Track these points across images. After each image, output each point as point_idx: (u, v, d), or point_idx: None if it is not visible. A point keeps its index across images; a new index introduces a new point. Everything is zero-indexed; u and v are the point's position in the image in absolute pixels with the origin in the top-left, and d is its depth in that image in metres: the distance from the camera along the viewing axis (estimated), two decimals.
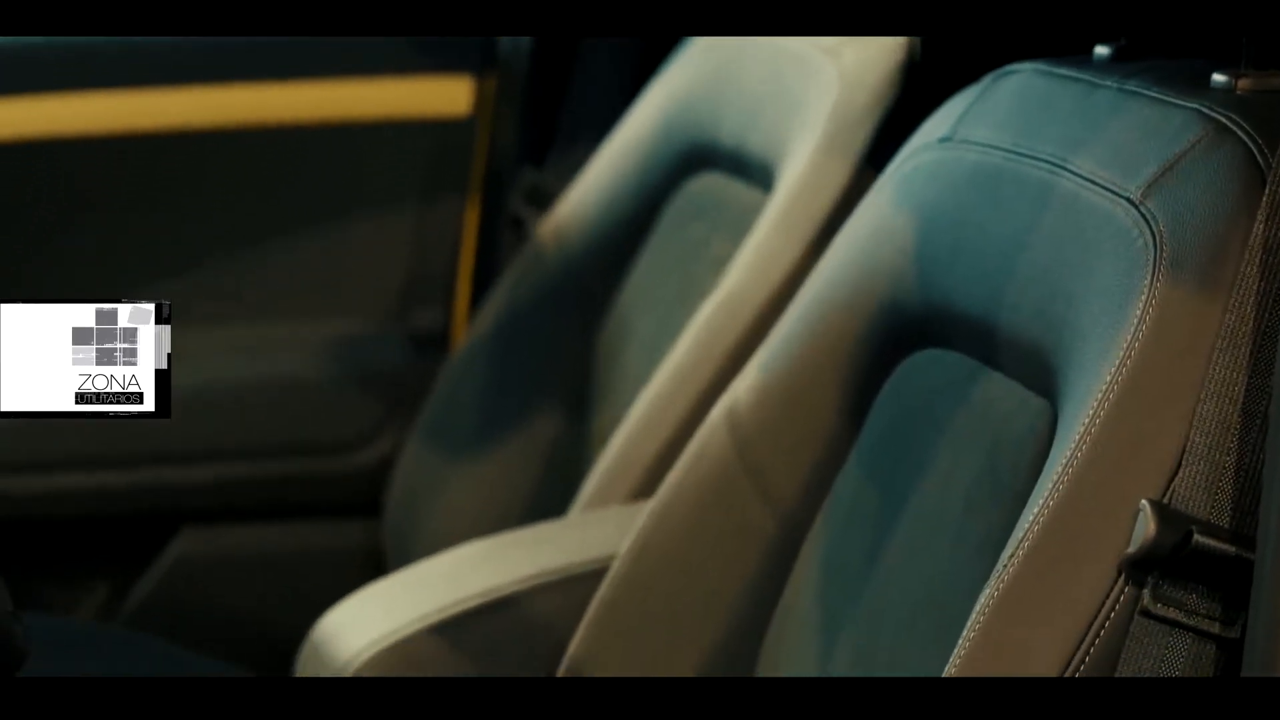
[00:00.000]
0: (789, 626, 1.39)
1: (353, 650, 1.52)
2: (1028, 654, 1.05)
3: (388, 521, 2.13)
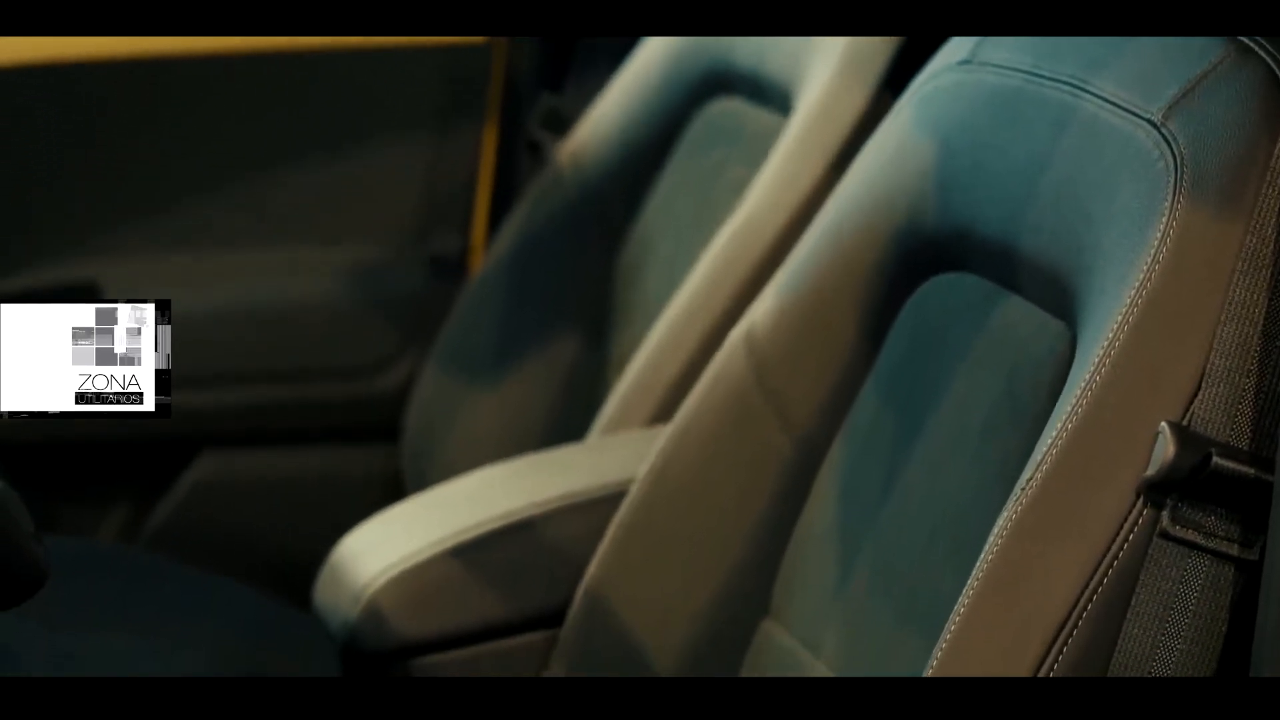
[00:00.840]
0: (807, 549, 1.39)
1: (371, 573, 1.52)
2: (1046, 575, 1.05)
3: (406, 445, 2.13)
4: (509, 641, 1.53)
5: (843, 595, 1.33)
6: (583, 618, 1.47)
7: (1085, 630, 1.04)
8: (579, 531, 1.53)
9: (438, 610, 1.51)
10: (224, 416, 2.13)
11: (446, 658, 1.51)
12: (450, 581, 1.52)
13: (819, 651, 1.33)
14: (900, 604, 1.27)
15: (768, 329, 1.42)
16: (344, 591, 1.54)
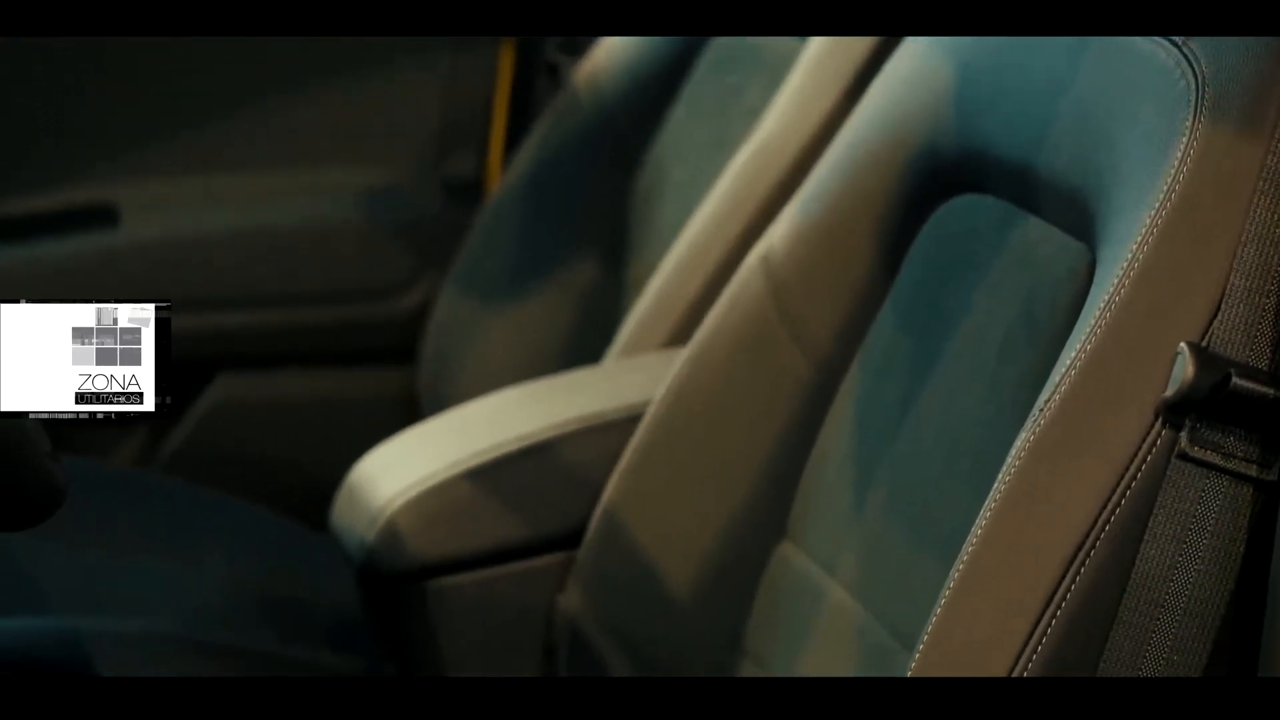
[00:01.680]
0: (824, 472, 1.39)
1: (388, 495, 1.52)
2: (1064, 497, 1.05)
3: (423, 368, 2.13)
4: (525, 563, 1.53)
5: (859, 518, 1.33)
6: (599, 540, 1.47)
7: (1103, 551, 1.04)
8: (596, 454, 1.53)
9: (454, 532, 1.51)
10: (240, 339, 2.14)
11: (463, 579, 1.52)
12: (467, 503, 1.52)
13: (835, 573, 1.33)
14: (917, 526, 1.27)
15: (785, 252, 1.42)
16: (361, 513, 1.54)
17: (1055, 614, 1.03)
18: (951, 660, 1.05)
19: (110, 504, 1.90)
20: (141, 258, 2.12)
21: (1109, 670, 1.02)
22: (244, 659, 1.66)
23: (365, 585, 1.58)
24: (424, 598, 1.52)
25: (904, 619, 1.24)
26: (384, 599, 1.56)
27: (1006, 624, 1.04)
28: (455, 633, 1.53)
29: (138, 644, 1.64)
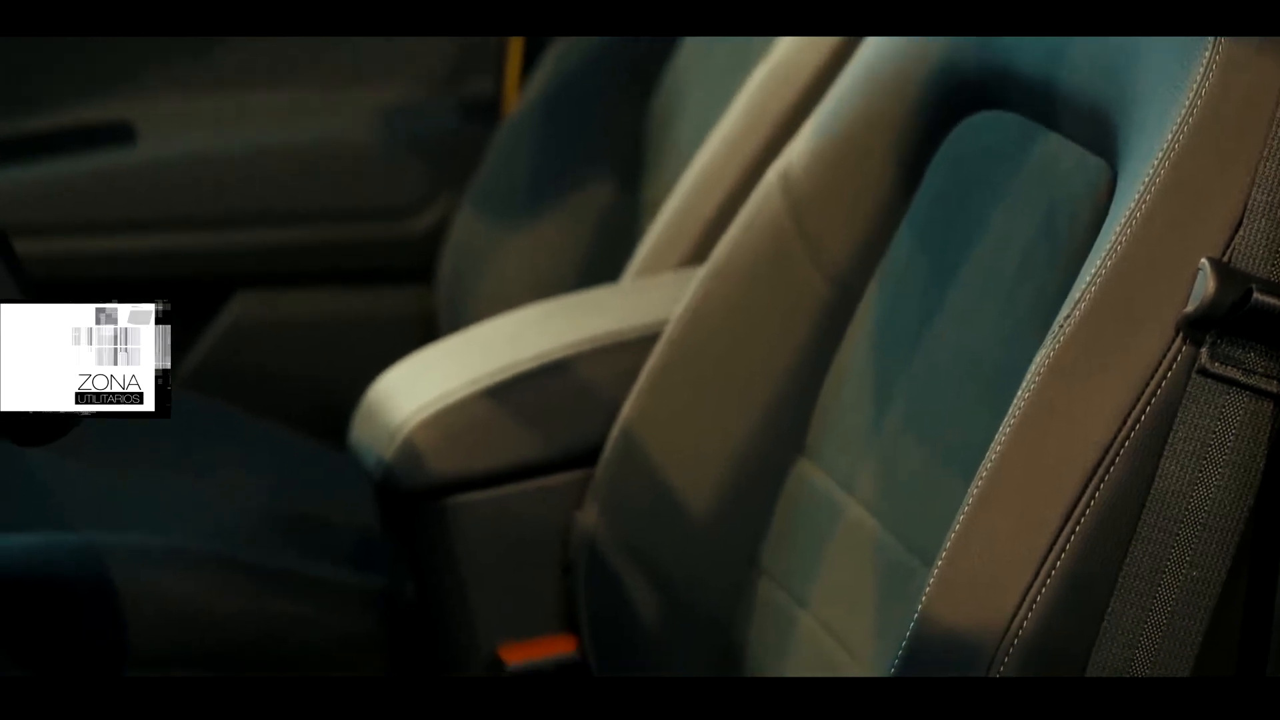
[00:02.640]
0: (842, 389, 1.39)
1: (406, 412, 1.52)
2: (1083, 413, 1.05)
3: (440, 287, 2.13)
4: (543, 481, 1.53)
5: (877, 435, 1.33)
6: (617, 457, 1.47)
7: (1122, 467, 1.03)
8: (613, 372, 1.53)
9: (472, 449, 1.52)
10: (258, 257, 2.14)
11: (480, 496, 1.52)
12: (484, 421, 1.52)
13: (853, 490, 1.34)
14: (934, 444, 1.27)
15: (803, 170, 1.41)
16: (379, 430, 1.54)
17: (1074, 530, 1.03)
18: (970, 576, 1.05)
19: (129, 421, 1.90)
20: (158, 176, 2.12)
21: (1127, 585, 1.02)
22: (263, 576, 1.67)
23: (383, 502, 1.58)
24: (442, 515, 1.52)
25: (922, 535, 1.24)
26: (402, 516, 1.56)
27: (1025, 540, 1.04)
28: (473, 550, 1.53)
29: (158, 560, 1.65)
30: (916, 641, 1.07)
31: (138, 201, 2.10)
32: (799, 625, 1.35)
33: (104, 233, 2.09)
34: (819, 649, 1.32)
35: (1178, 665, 1.01)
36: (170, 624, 1.62)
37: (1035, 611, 1.03)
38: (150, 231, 2.10)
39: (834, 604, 1.32)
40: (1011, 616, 1.03)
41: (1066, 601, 1.03)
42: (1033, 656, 1.02)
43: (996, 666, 1.03)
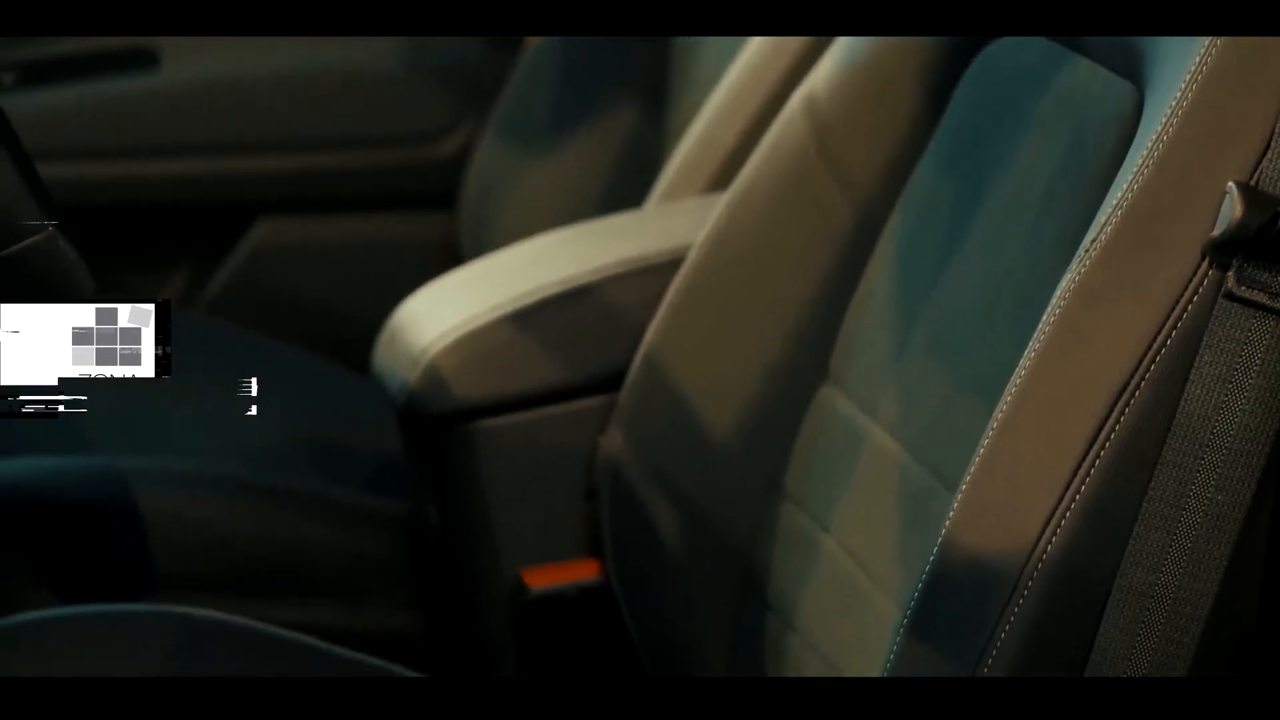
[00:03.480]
0: (866, 315, 1.38)
1: (430, 337, 1.52)
2: (1109, 338, 1.04)
3: (464, 213, 2.13)
4: (567, 406, 1.53)
5: (901, 361, 1.33)
6: (641, 382, 1.47)
7: (1147, 392, 1.03)
8: (637, 297, 1.53)
9: (496, 374, 1.52)
10: (282, 182, 2.14)
11: (504, 421, 1.52)
12: (508, 345, 1.52)
13: (877, 416, 1.33)
14: (959, 369, 1.27)
15: (828, 94, 1.41)
16: (403, 356, 1.55)
17: (1099, 455, 1.03)
18: (994, 501, 1.05)
19: None
20: (182, 101, 2.11)
21: (1152, 509, 1.02)
22: (286, 500, 1.68)
23: (407, 427, 1.58)
24: (465, 440, 1.53)
25: (946, 461, 1.24)
26: (425, 441, 1.57)
27: (1049, 464, 1.04)
28: (496, 474, 1.53)
29: (181, 483, 1.66)
30: (940, 566, 1.07)
31: (161, 127, 2.09)
32: (821, 550, 1.35)
33: (127, 158, 2.09)
34: (841, 573, 1.32)
35: (1201, 589, 1.01)
36: (193, 548, 1.63)
37: (1059, 536, 1.03)
38: (174, 157, 2.10)
39: (857, 529, 1.32)
40: (1035, 541, 1.03)
41: (1090, 526, 1.03)
42: (1057, 581, 1.02)
43: (1020, 591, 1.03)
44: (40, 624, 1.38)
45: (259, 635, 1.41)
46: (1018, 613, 1.03)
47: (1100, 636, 1.02)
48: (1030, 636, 1.03)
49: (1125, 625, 1.02)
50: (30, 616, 1.39)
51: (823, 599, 1.34)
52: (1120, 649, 1.01)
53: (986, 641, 1.04)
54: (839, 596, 1.32)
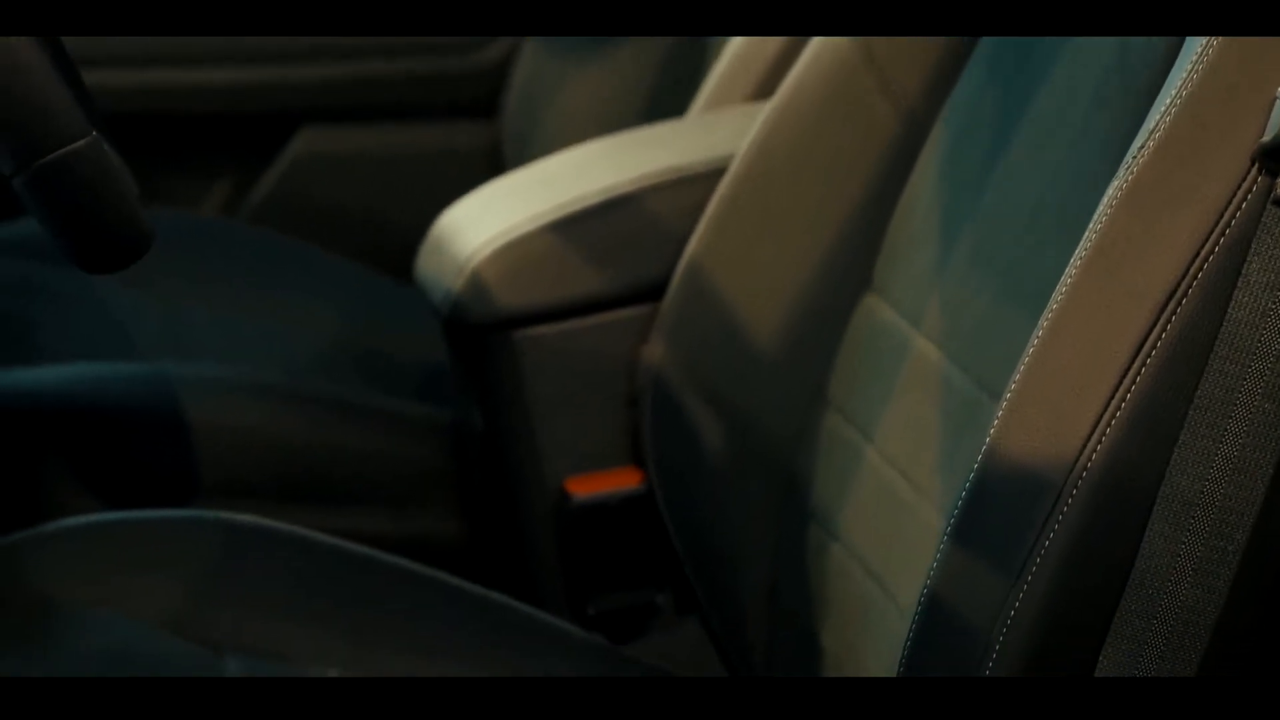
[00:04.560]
0: (910, 224, 1.38)
1: (474, 246, 1.52)
2: (1156, 245, 1.04)
3: (506, 121, 2.12)
4: (609, 315, 1.53)
5: (945, 270, 1.33)
6: (683, 292, 1.47)
7: (1194, 300, 1.03)
8: (681, 206, 1.52)
9: (539, 282, 1.52)
10: (324, 91, 2.13)
11: (547, 330, 1.53)
12: (552, 254, 1.52)
13: (920, 325, 1.33)
14: (1004, 277, 1.27)
15: None
16: (446, 264, 1.55)
17: (1145, 362, 1.03)
18: (1039, 409, 1.05)
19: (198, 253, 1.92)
20: None
21: (1198, 417, 1.02)
22: (330, 407, 1.68)
23: (450, 336, 1.59)
24: (509, 348, 1.53)
25: (990, 370, 1.24)
26: (469, 349, 1.57)
27: (1095, 372, 1.04)
28: (539, 383, 1.54)
29: (226, 390, 1.66)
30: (983, 475, 1.07)
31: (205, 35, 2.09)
32: (864, 459, 1.35)
33: (171, 66, 2.09)
34: (884, 483, 1.32)
35: (1247, 497, 1.01)
36: (238, 455, 1.63)
37: (1104, 443, 1.02)
38: (216, 65, 2.10)
39: (900, 438, 1.32)
40: (1080, 448, 1.03)
41: (1136, 433, 1.02)
42: (1101, 488, 1.02)
43: (1065, 498, 1.03)
44: (86, 529, 1.39)
45: (305, 541, 1.42)
46: (1062, 520, 1.03)
47: (1144, 544, 1.02)
48: (1074, 544, 1.03)
49: (1169, 532, 1.01)
50: (76, 521, 1.40)
51: (865, 508, 1.34)
52: (1164, 556, 1.01)
53: (1030, 550, 1.04)
54: (882, 505, 1.32)
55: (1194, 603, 1.01)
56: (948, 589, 1.08)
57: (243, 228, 2.07)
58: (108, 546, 1.38)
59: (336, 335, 1.82)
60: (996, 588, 1.05)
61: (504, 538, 1.63)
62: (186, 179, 2.12)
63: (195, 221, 2.04)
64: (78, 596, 1.34)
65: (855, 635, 1.32)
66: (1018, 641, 1.04)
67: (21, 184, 0.99)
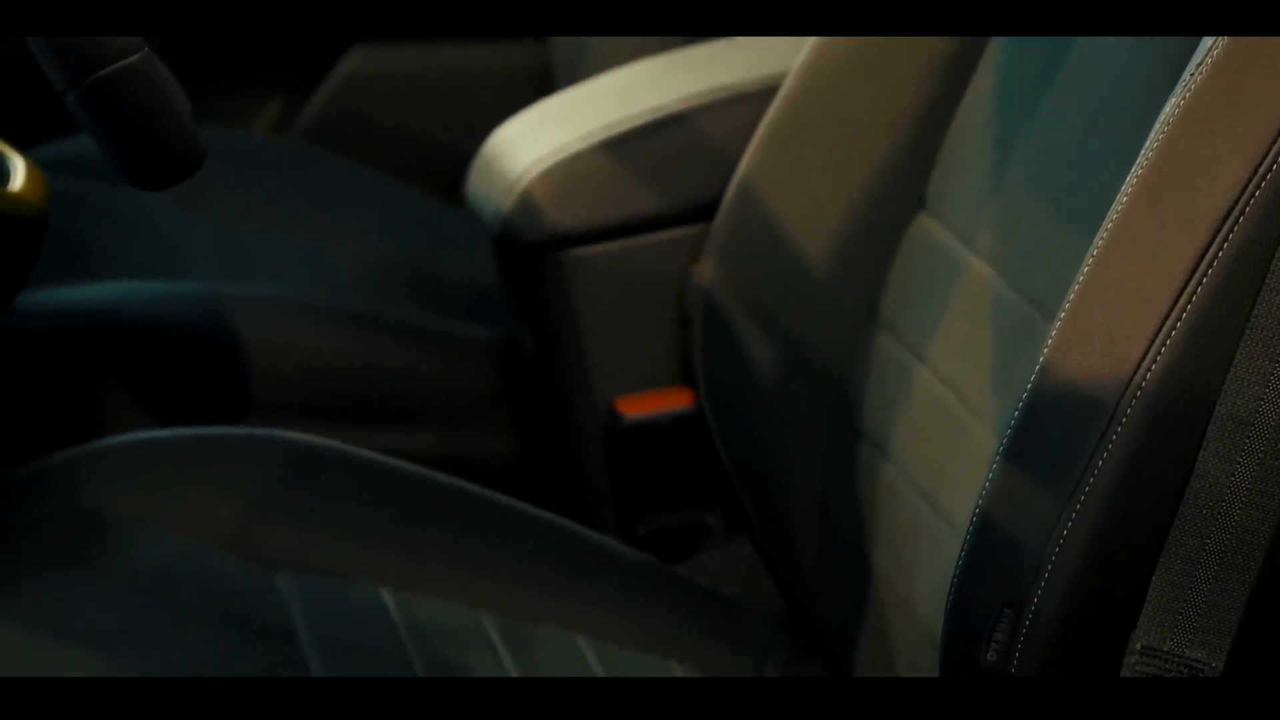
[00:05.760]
0: (964, 143, 1.37)
1: (524, 165, 1.52)
2: (1213, 162, 1.03)
3: (557, 41, 2.12)
4: (660, 234, 1.53)
5: (1000, 190, 1.32)
6: (735, 211, 1.47)
7: (1252, 216, 1.02)
8: (730, 126, 1.52)
9: (590, 202, 1.52)
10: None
11: (598, 249, 1.52)
12: (602, 173, 1.52)
13: (973, 245, 1.32)
14: (1057, 197, 1.26)
15: None
16: (497, 183, 1.54)
17: (1201, 281, 1.02)
18: (1094, 327, 1.04)
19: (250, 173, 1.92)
20: None
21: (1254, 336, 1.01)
22: (380, 327, 1.69)
23: (502, 255, 1.59)
24: (559, 268, 1.53)
25: (1044, 289, 1.23)
26: (520, 269, 1.57)
27: (1151, 291, 1.03)
28: (590, 303, 1.54)
29: (277, 310, 1.67)
30: (1037, 394, 1.07)
31: None
32: (916, 378, 1.35)
33: None
34: (937, 402, 1.32)
35: None
36: (290, 374, 1.64)
37: (1159, 363, 1.02)
38: None
39: (953, 358, 1.32)
40: (1135, 367, 1.02)
41: (1191, 352, 1.02)
42: (1156, 408, 1.02)
43: (1119, 418, 1.02)
44: (139, 445, 1.40)
45: (357, 459, 1.42)
46: (1116, 440, 1.02)
47: (1199, 464, 1.02)
48: (1127, 465, 1.03)
49: (1224, 453, 1.01)
50: (129, 438, 1.41)
51: (918, 428, 1.34)
52: (1219, 476, 1.01)
53: (1083, 469, 1.03)
54: (934, 425, 1.32)
55: (1248, 522, 1.00)
56: (1000, 508, 1.08)
57: (293, 148, 2.07)
58: (161, 463, 1.39)
59: (387, 255, 1.82)
60: (1049, 507, 1.04)
61: (554, 458, 1.64)
62: (236, 99, 2.12)
63: (246, 141, 2.04)
64: (130, 512, 1.35)
65: (906, 554, 1.32)
66: (1070, 561, 1.04)
67: (75, 99, 1.00)
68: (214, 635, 1.26)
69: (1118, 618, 1.04)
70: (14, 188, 1.16)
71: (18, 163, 1.19)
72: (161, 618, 1.26)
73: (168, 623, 1.26)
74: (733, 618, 1.48)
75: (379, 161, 2.02)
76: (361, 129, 2.11)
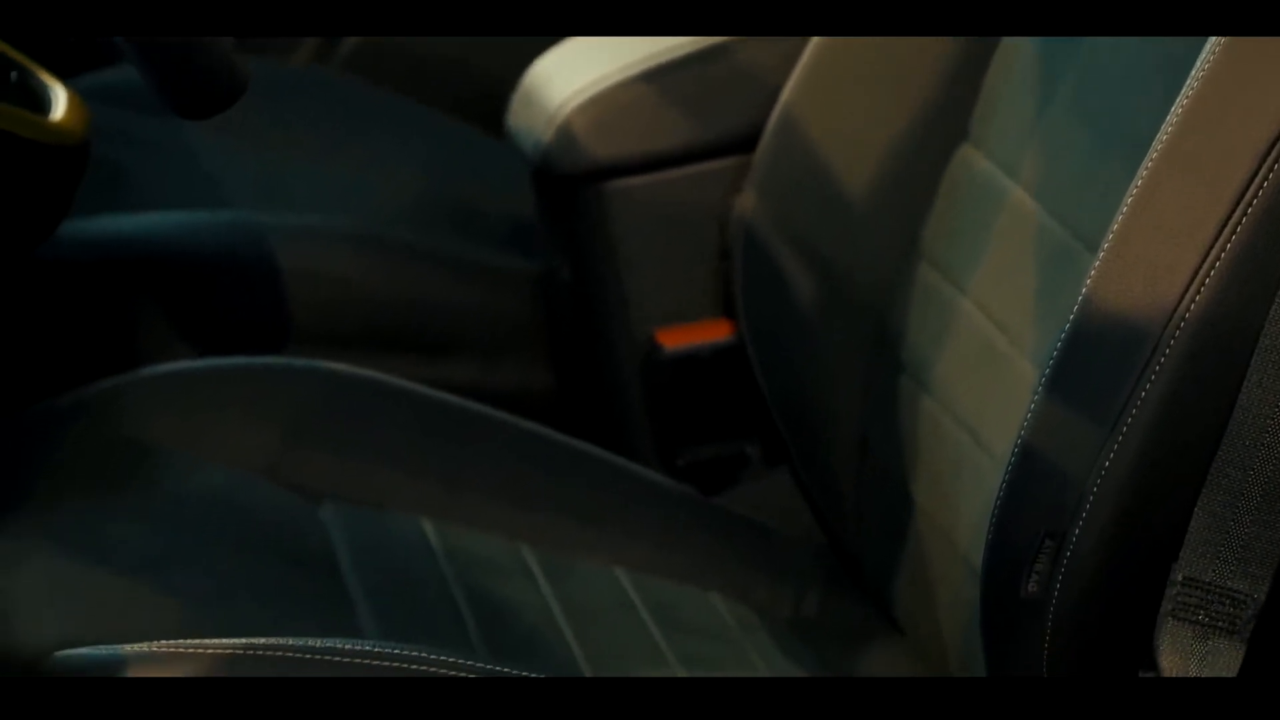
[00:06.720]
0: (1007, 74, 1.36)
1: (564, 96, 1.52)
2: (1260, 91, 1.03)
3: None
4: (701, 166, 1.53)
5: (1042, 120, 1.31)
6: (776, 142, 1.46)
7: None
8: (771, 57, 1.51)
9: (630, 133, 1.51)
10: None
11: (638, 181, 1.52)
12: (642, 105, 1.51)
13: (1017, 176, 1.32)
14: (1101, 128, 1.25)
15: None
16: (537, 114, 1.54)
17: (1246, 213, 1.02)
18: (1137, 258, 1.04)
19: (289, 103, 1.92)
20: None
21: None
22: (423, 257, 1.69)
23: (541, 187, 1.59)
24: (599, 199, 1.53)
25: (1087, 220, 1.22)
26: (560, 201, 1.57)
27: (1194, 222, 1.03)
28: (630, 234, 1.54)
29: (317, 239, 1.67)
30: (1080, 325, 1.06)
31: None
32: (959, 310, 1.34)
33: None
34: (978, 333, 1.32)
35: None
36: (329, 304, 1.64)
37: (1203, 294, 1.02)
38: None
39: (995, 289, 1.31)
40: (1179, 298, 1.02)
41: (1235, 283, 1.01)
42: (1199, 338, 1.01)
43: (1162, 349, 1.02)
44: (181, 374, 1.41)
45: (398, 389, 1.43)
46: (1159, 371, 1.02)
47: (1242, 395, 1.01)
48: (1170, 395, 1.02)
49: (1267, 384, 1.01)
50: (171, 367, 1.41)
51: (959, 360, 1.33)
52: (1261, 408, 1.01)
53: (1126, 401, 1.03)
54: (976, 357, 1.31)
55: None
56: (1042, 440, 1.07)
57: (333, 78, 2.07)
58: (203, 392, 1.39)
59: (426, 186, 1.82)
60: (1091, 438, 1.04)
61: (593, 390, 1.64)
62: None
63: (286, 71, 2.03)
64: (172, 441, 1.35)
65: (947, 487, 1.32)
66: (1112, 492, 1.04)
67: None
68: (257, 560, 1.26)
69: (1159, 549, 1.04)
70: (55, 117, 1.16)
71: (59, 92, 1.19)
72: (204, 543, 1.27)
73: (211, 547, 1.26)
74: (772, 549, 1.48)
75: (419, 92, 2.02)
76: (402, 59, 2.10)
